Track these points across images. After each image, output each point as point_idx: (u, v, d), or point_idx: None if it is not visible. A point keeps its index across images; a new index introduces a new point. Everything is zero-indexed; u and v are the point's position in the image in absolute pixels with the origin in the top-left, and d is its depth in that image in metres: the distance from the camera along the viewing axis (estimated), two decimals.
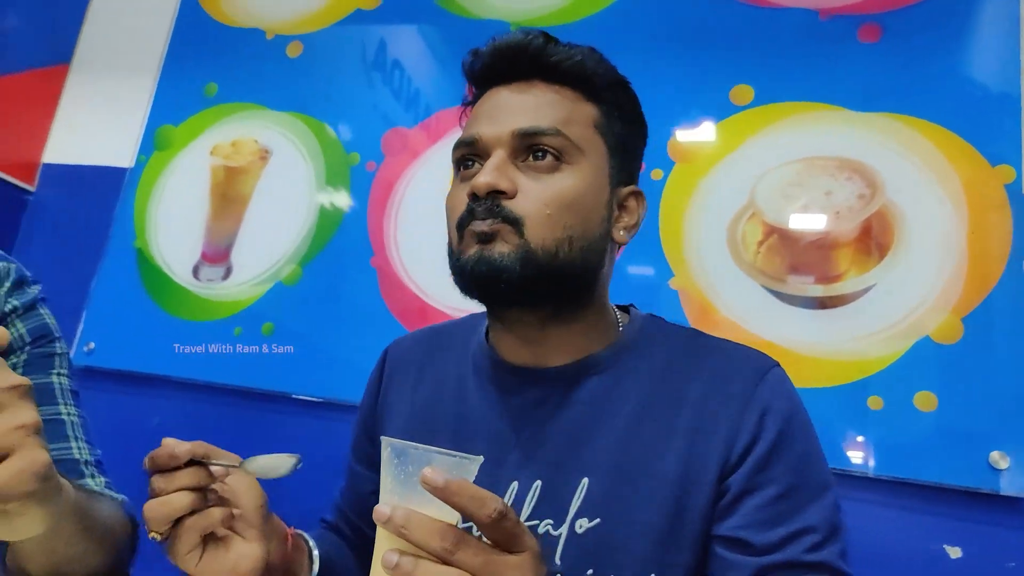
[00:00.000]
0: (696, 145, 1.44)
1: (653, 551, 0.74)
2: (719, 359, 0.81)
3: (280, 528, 0.76)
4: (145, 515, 0.65)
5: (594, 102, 0.82)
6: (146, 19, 1.89)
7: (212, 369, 1.55)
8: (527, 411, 0.82)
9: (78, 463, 0.82)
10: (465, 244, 0.77)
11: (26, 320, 0.88)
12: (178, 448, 0.65)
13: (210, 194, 1.69)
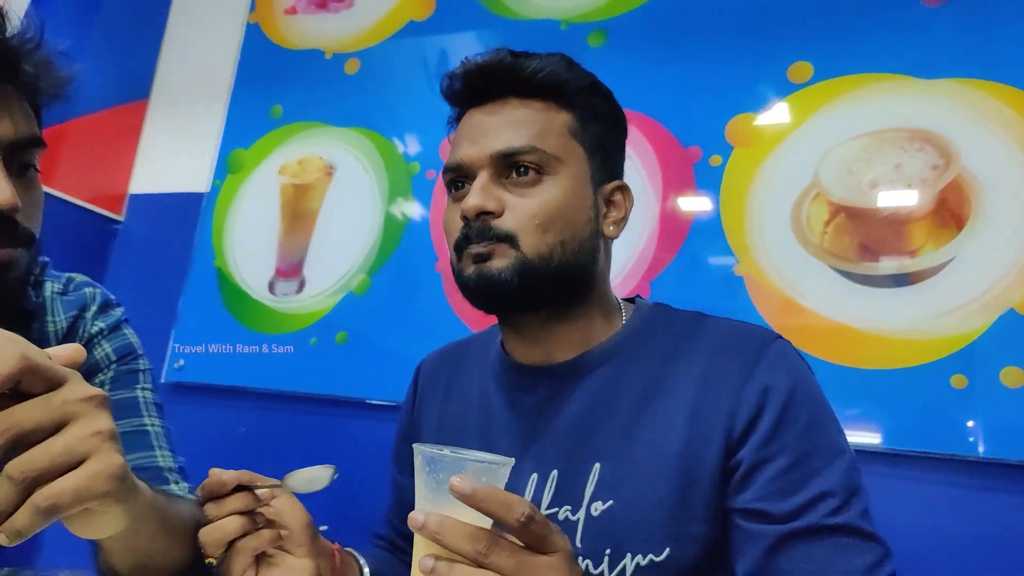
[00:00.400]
0: (755, 128, 1.41)
1: (666, 525, 0.77)
2: (720, 338, 0.84)
3: (327, 546, 0.81)
4: (200, 540, 0.71)
5: (567, 109, 0.86)
6: (215, 50, 1.98)
7: (291, 379, 1.61)
8: (540, 407, 0.87)
9: (162, 470, 0.88)
10: (464, 263, 0.82)
11: (111, 340, 0.95)
12: (224, 476, 0.71)
13: (281, 212, 1.75)
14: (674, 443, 0.78)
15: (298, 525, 0.76)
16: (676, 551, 0.76)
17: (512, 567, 0.54)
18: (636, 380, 0.83)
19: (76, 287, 0.96)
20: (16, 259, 0.76)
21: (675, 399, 0.80)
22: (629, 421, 0.81)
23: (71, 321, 0.92)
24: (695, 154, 1.43)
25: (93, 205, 1.92)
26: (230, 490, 0.71)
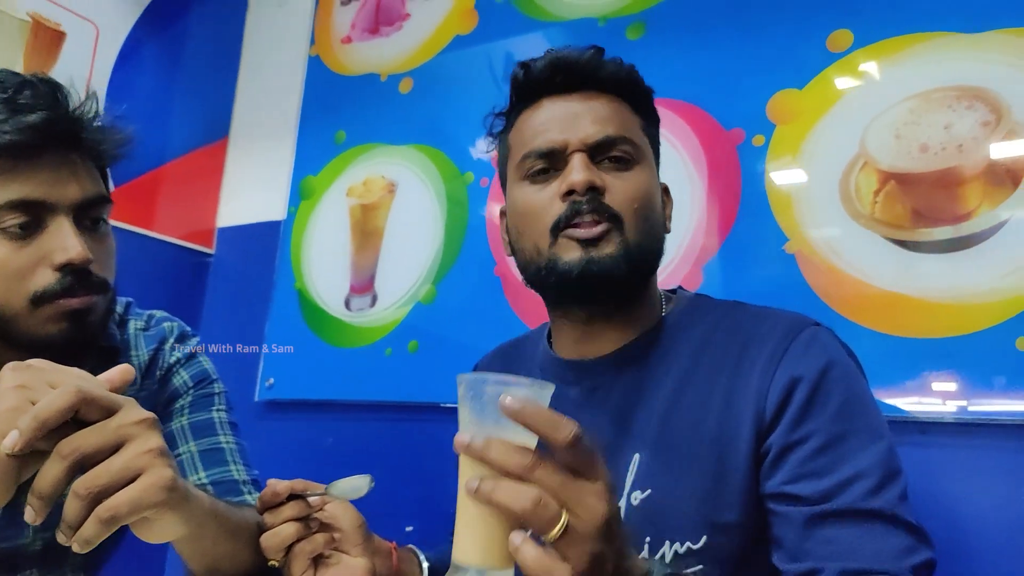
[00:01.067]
0: (796, 103, 1.39)
1: (701, 513, 0.78)
2: (754, 325, 0.84)
3: (383, 545, 0.88)
4: (262, 545, 0.79)
5: (637, 112, 0.91)
6: (282, 85, 2.12)
7: (371, 388, 1.71)
8: (584, 400, 0.90)
9: (237, 483, 0.97)
10: (562, 248, 0.83)
11: (188, 368, 1.05)
12: (279, 487, 0.79)
13: (351, 231, 1.86)
14: (708, 431, 0.79)
15: (351, 527, 0.84)
16: (713, 539, 0.77)
17: (557, 484, 0.54)
18: (673, 370, 0.85)
19: (156, 322, 1.07)
20: (93, 305, 0.87)
21: (709, 387, 0.82)
22: (666, 411, 0.83)
23: (152, 353, 1.02)
24: (738, 136, 1.43)
25: (187, 242, 2.09)
26: (284, 499, 0.80)
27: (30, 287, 0.83)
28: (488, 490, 0.54)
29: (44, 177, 0.83)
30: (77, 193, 0.86)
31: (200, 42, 2.15)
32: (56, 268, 0.83)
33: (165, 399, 1.02)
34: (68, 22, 1.82)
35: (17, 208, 0.82)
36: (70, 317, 0.84)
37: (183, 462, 0.97)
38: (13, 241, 0.83)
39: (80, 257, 0.83)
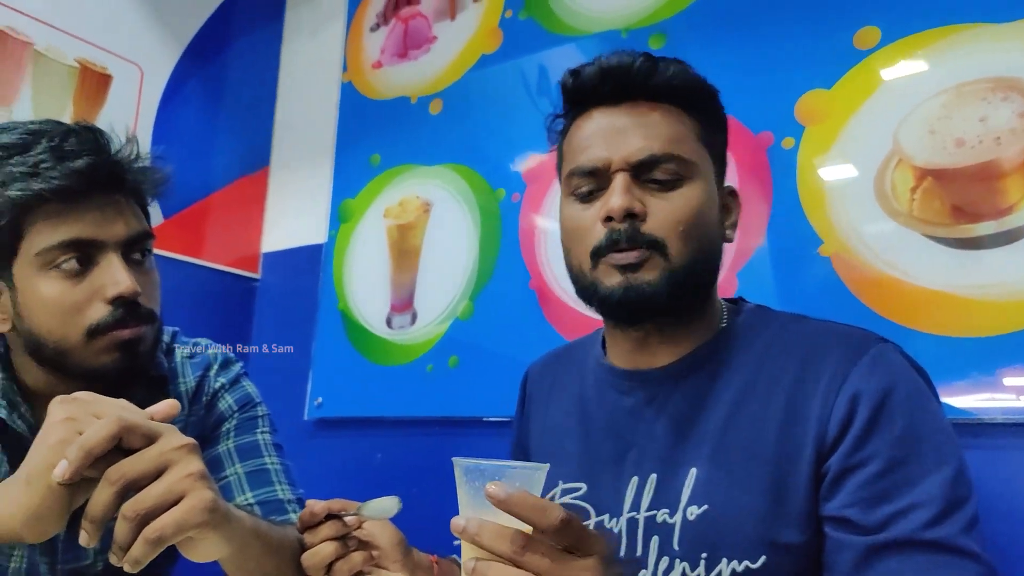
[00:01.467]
0: (825, 103, 1.37)
1: (760, 532, 0.76)
2: (815, 340, 0.82)
3: (423, 560, 0.90)
4: (303, 565, 0.82)
5: (695, 116, 0.86)
6: (318, 111, 2.17)
7: (414, 404, 1.74)
8: (639, 411, 0.88)
9: (283, 502, 1.00)
10: (602, 273, 0.82)
11: (232, 392, 1.09)
12: (316, 507, 0.82)
13: (389, 251, 1.89)
14: (766, 449, 0.78)
15: (389, 544, 0.86)
16: (772, 559, 0.75)
17: (546, 567, 0.57)
18: (732, 384, 0.83)
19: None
20: (143, 335, 0.92)
21: (768, 404, 0.80)
22: (724, 426, 0.81)
23: (198, 380, 1.07)
24: (767, 139, 1.42)
25: (234, 268, 2.16)
26: (322, 519, 0.83)
27: (85, 321, 0.88)
28: (482, 573, 0.58)
29: (92, 217, 0.89)
30: (123, 231, 0.91)
31: (239, 76, 2.23)
32: (108, 301, 0.89)
33: (212, 423, 1.06)
34: (114, 65, 1.91)
35: (70, 247, 0.88)
36: (122, 347, 0.90)
37: (230, 484, 1.01)
38: (68, 279, 0.88)
39: (129, 290, 0.88)
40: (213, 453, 1.04)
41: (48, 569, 0.95)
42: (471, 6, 1.90)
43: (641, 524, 0.84)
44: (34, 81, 1.75)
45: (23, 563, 0.93)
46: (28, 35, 1.74)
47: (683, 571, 0.80)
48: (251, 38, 2.27)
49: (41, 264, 0.88)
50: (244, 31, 2.24)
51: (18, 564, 0.92)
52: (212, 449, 1.04)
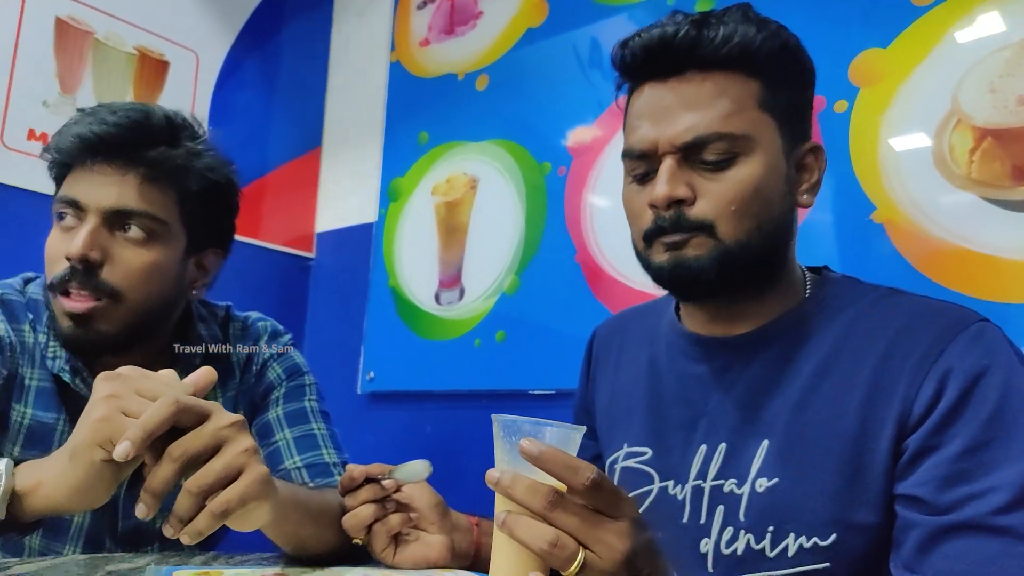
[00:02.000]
0: (881, 64, 1.32)
1: (833, 510, 0.74)
2: (909, 317, 0.77)
3: (463, 521, 0.91)
4: (344, 526, 0.84)
5: (756, 77, 0.78)
6: (367, 92, 2.20)
7: (463, 378, 1.76)
8: (713, 379, 0.86)
9: (328, 465, 1.03)
10: (654, 251, 0.80)
11: (281, 362, 1.13)
12: (355, 471, 0.85)
13: (437, 228, 1.91)
14: (846, 426, 0.75)
15: (427, 505, 0.88)
16: (843, 537, 0.73)
17: (575, 525, 0.57)
18: (812, 356, 0.80)
19: (252, 323, 1.15)
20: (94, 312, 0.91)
21: (851, 379, 0.76)
22: (801, 399, 0.79)
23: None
24: (818, 103, 1.38)
25: (290, 248, 2.21)
26: (361, 483, 0.85)
27: (51, 273, 0.92)
28: (511, 525, 0.58)
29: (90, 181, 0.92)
30: (110, 200, 0.92)
31: (291, 59, 2.27)
32: (66, 258, 0.91)
33: (262, 392, 1.10)
34: (171, 52, 1.96)
35: (62, 203, 0.93)
36: (73, 318, 0.91)
37: (279, 448, 1.04)
38: (58, 232, 0.94)
39: (75, 253, 0.89)
40: (263, 420, 1.07)
41: (110, 526, 1.00)
42: None
43: (707, 492, 0.82)
44: (95, 69, 1.81)
45: (86, 519, 0.98)
46: (89, 24, 1.81)
47: (747, 542, 0.78)
48: (302, 21, 2.31)
49: (53, 215, 0.95)
50: (295, 14, 2.28)
51: (80, 519, 0.98)
52: (262, 416, 1.08)
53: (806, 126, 0.85)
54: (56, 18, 1.75)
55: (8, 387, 0.94)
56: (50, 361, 0.96)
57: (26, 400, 0.96)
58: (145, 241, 0.94)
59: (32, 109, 1.70)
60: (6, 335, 0.95)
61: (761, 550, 0.77)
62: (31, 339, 0.97)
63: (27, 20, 1.70)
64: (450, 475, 1.03)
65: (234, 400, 1.08)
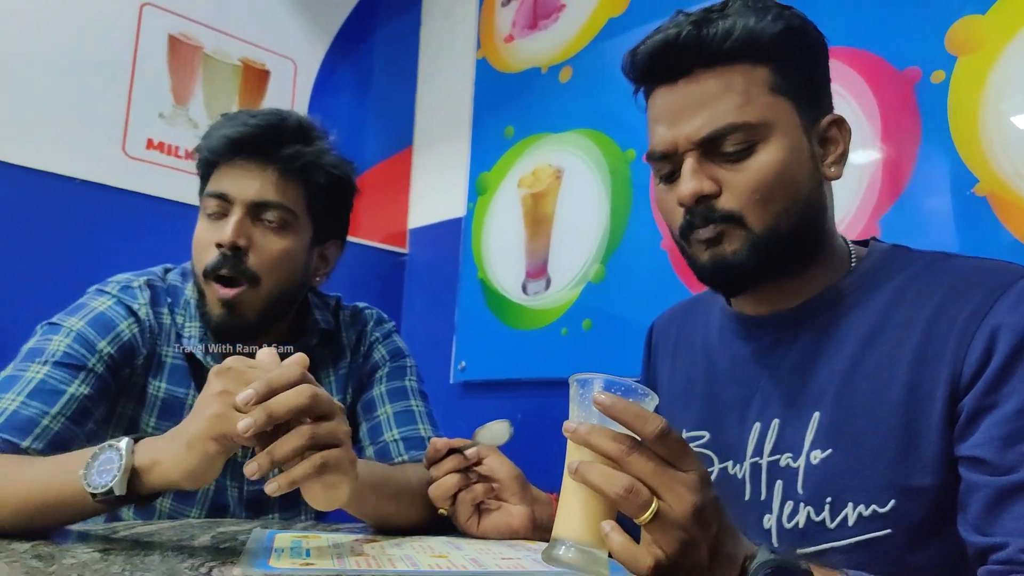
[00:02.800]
0: (979, 31, 1.26)
1: (889, 476, 0.74)
2: (956, 278, 0.76)
3: (542, 495, 0.95)
4: (430, 495, 0.89)
5: (763, 63, 0.79)
6: (455, 90, 2.26)
7: (550, 366, 1.79)
8: (763, 355, 0.87)
9: (423, 439, 1.10)
10: (694, 249, 0.82)
11: (385, 345, 1.23)
12: (439, 443, 0.90)
13: (523, 220, 1.95)
14: (896, 391, 0.75)
15: (508, 477, 0.91)
16: (901, 503, 0.73)
17: (649, 471, 0.58)
18: (859, 326, 0.80)
19: (360, 311, 1.26)
20: (241, 298, 1.02)
21: (900, 345, 0.76)
22: (849, 369, 0.79)
23: (357, 335, 1.22)
24: (913, 75, 1.33)
25: (386, 244, 2.30)
26: (445, 454, 0.89)
27: (203, 260, 1.03)
28: (585, 471, 0.59)
29: (235, 177, 1.04)
30: (253, 193, 1.04)
31: (382, 62, 2.36)
32: (217, 246, 1.02)
33: (368, 371, 1.20)
34: (271, 62, 2.08)
35: (212, 197, 1.04)
36: (225, 304, 1.03)
37: (380, 422, 1.13)
38: (206, 222, 1.04)
39: (227, 240, 1.01)
40: (368, 396, 1.17)
41: (236, 492, 1.11)
42: None
43: (764, 469, 0.83)
44: (205, 81, 1.95)
45: (212, 486, 1.09)
46: (199, 40, 1.94)
47: (808, 515, 0.78)
48: (391, 24, 2.39)
49: (201, 209, 1.06)
50: (385, 19, 2.37)
51: (207, 486, 1.08)
52: (367, 393, 1.18)
53: (825, 100, 0.85)
54: (169, 35, 1.89)
55: (147, 364, 1.06)
56: (186, 340, 1.07)
57: (161, 376, 1.07)
58: (279, 230, 1.05)
59: (149, 120, 1.84)
60: (146, 318, 1.06)
61: (821, 522, 0.77)
62: (168, 320, 1.08)
63: (143, 38, 1.84)
64: (539, 462, 1.06)
65: (344, 378, 1.19)
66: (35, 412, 0.89)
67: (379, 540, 0.85)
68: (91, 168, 1.74)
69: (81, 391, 0.94)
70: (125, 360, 1.02)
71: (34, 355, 0.95)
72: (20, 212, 1.64)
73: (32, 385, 0.91)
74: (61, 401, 0.92)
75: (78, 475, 0.71)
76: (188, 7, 1.92)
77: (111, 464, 0.71)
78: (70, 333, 0.98)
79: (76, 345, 0.97)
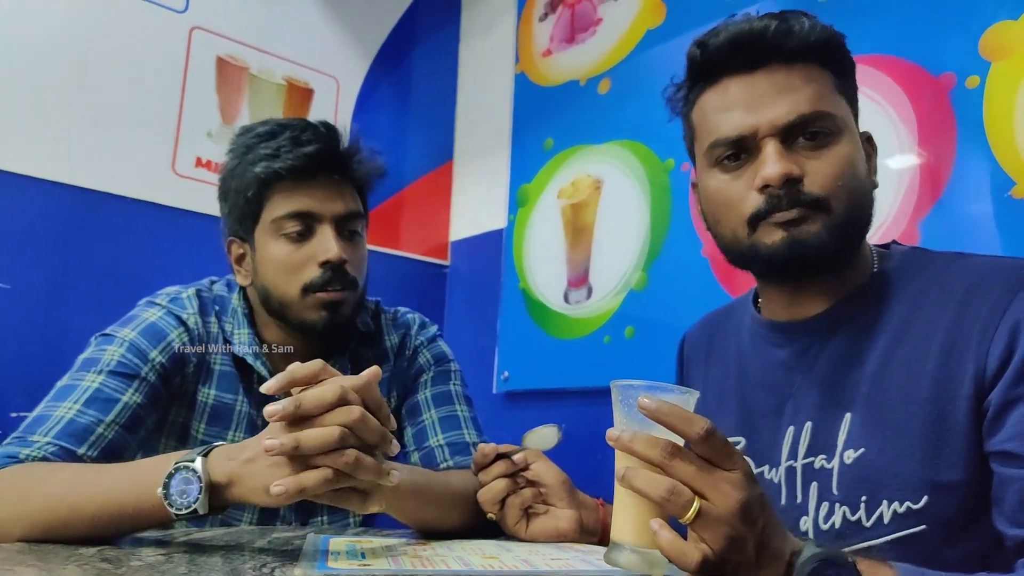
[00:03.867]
0: (1013, 35, 1.26)
1: (920, 473, 0.75)
2: (974, 276, 0.79)
3: (589, 500, 0.97)
4: (479, 500, 0.92)
5: (829, 69, 0.84)
6: (494, 104, 2.30)
7: (594, 375, 1.81)
8: (793, 362, 0.89)
9: (468, 444, 1.13)
10: (762, 233, 0.81)
11: (430, 349, 1.25)
12: (486, 449, 0.93)
13: (564, 230, 1.98)
14: (923, 389, 0.77)
15: (555, 482, 0.94)
16: (935, 498, 0.75)
17: (691, 474, 0.60)
18: (886, 327, 0.82)
19: (402, 315, 1.28)
20: (345, 299, 1.09)
21: (924, 343, 0.78)
22: (878, 369, 0.81)
23: (401, 338, 1.24)
24: (948, 81, 1.33)
25: (427, 256, 2.35)
26: (493, 459, 0.92)
27: (301, 280, 1.07)
28: (630, 478, 0.61)
29: (316, 194, 1.08)
30: (340, 208, 1.09)
31: (422, 78, 2.41)
32: (319, 264, 1.07)
33: (412, 375, 1.23)
34: (314, 80, 2.15)
35: (296, 217, 1.07)
36: (328, 307, 1.07)
37: (425, 427, 1.15)
38: (291, 243, 1.07)
39: (336, 256, 1.06)
40: (413, 400, 1.20)
41: None
42: None
43: (799, 472, 0.85)
44: (250, 100, 2.02)
45: None
46: (245, 61, 2.01)
47: (844, 515, 0.80)
48: (431, 41, 2.45)
49: (274, 230, 1.08)
50: (425, 35, 2.43)
51: None
52: (412, 397, 1.20)
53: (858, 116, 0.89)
54: (216, 57, 1.97)
55: (197, 372, 1.10)
56: (236, 347, 1.11)
57: (211, 383, 1.10)
58: (361, 238, 1.14)
59: (198, 140, 1.91)
60: (195, 327, 1.10)
61: (857, 521, 0.79)
62: (216, 329, 1.12)
63: (192, 61, 1.92)
64: (584, 470, 1.08)
65: (388, 382, 1.20)
66: (91, 420, 0.92)
67: (431, 543, 0.88)
68: (142, 187, 1.81)
69: (135, 399, 0.98)
70: (176, 368, 1.06)
71: (89, 365, 0.99)
72: (75, 230, 1.71)
73: (88, 394, 0.95)
74: (116, 409, 0.95)
75: (156, 493, 0.74)
76: (235, 29, 2.00)
77: (190, 484, 0.73)
78: (123, 343, 1.01)
79: (129, 355, 1.00)
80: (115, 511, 0.77)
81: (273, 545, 0.83)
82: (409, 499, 0.89)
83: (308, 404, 0.72)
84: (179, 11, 1.91)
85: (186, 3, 1.92)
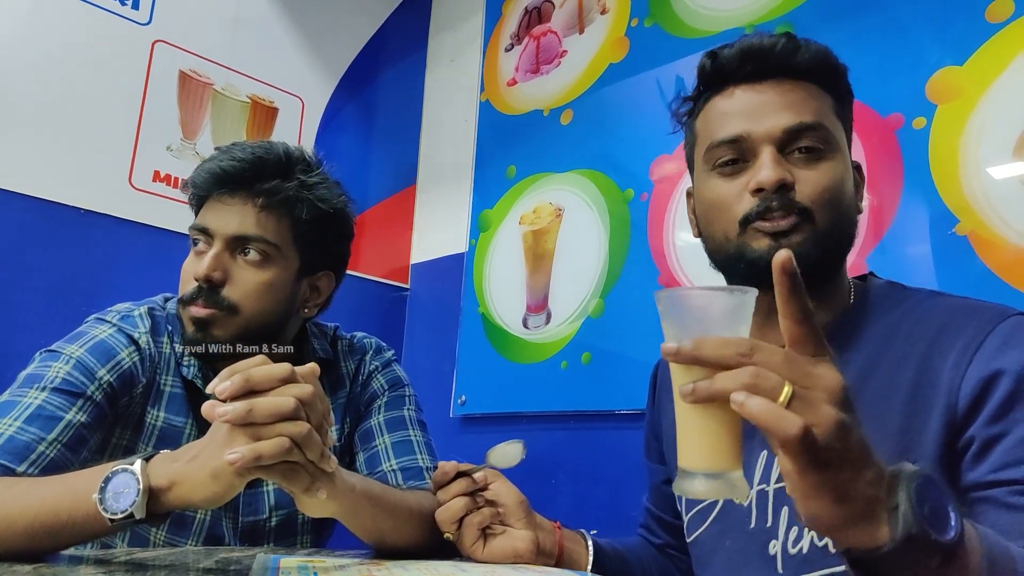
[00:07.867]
0: (958, 80, 1.33)
1: None
2: (947, 315, 0.81)
3: (546, 522, 0.96)
4: (437, 519, 0.91)
5: (829, 92, 0.88)
6: (458, 131, 2.33)
7: (551, 400, 1.82)
8: None
9: (422, 469, 1.11)
10: (750, 237, 0.83)
11: (384, 375, 1.23)
12: (447, 467, 0.91)
13: (524, 256, 1.99)
14: (891, 423, 0.77)
15: (513, 502, 0.94)
16: None
17: (779, 361, 0.53)
18: (858, 358, 0.83)
19: (359, 340, 1.27)
20: (212, 317, 1.03)
21: (895, 377, 0.79)
22: None
23: (356, 364, 1.22)
24: (896, 121, 1.39)
25: (387, 279, 2.34)
26: (452, 477, 0.91)
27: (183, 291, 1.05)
28: (705, 385, 0.54)
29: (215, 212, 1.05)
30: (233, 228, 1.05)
31: (388, 102, 2.43)
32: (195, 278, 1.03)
33: (366, 400, 1.21)
34: (279, 99, 2.15)
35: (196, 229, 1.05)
36: (195, 322, 1.03)
37: (378, 452, 1.13)
38: (194, 253, 1.06)
39: (202, 274, 1.02)
40: (366, 425, 1.18)
41: (230, 523, 1.10)
42: (599, 19, 1.98)
43: (771, 495, 0.85)
44: (213, 116, 2.00)
45: (207, 516, 1.09)
46: (208, 76, 2.01)
47: (811, 540, 0.81)
48: (398, 67, 2.47)
49: (190, 240, 1.08)
50: (392, 61, 2.45)
51: (203, 516, 1.08)
52: (365, 422, 1.18)
53: (851, 145, 0.93)
54: (180, 71, 1.95)
55: (146, 393, 1.06)
56: (185, 368, 1.08)
57: (160, 405, 1.07)
58: (261, 263, 1.05)
59: (157, 154, 1.89)
60: (147, 347, 1.06)
61: (824, 546, 0.79)
62: (168, 349, 1.09)
63: (154, 74, 1.90)
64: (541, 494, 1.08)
65: (343, 407, 1.19)
66: (32, 438, 0.89)
67: (385, 563, 0.87)
68: (97, 199, 1.77)
69: (79, 418, 0.94)
70: (124, 389, 1.02)
71: (32, 381, 0.95)
72: (25, 240, 1.66)
73: (30, 411, 0.91)
74: (58, 428, 0.91)
75: (92, 498, 0.72)
76: (199, 45, 1.99)
77: (127, 487, 0.71)
78: (69, 360, 0.98)
79: (75, 372, 0.97)
80: (49, 520, 0.74)
81: (220, 565, 0.81)
82: (365, 505, 0.87)
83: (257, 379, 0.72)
84: (143, 24, 1.90)
85: (150, 16, 1.91)
